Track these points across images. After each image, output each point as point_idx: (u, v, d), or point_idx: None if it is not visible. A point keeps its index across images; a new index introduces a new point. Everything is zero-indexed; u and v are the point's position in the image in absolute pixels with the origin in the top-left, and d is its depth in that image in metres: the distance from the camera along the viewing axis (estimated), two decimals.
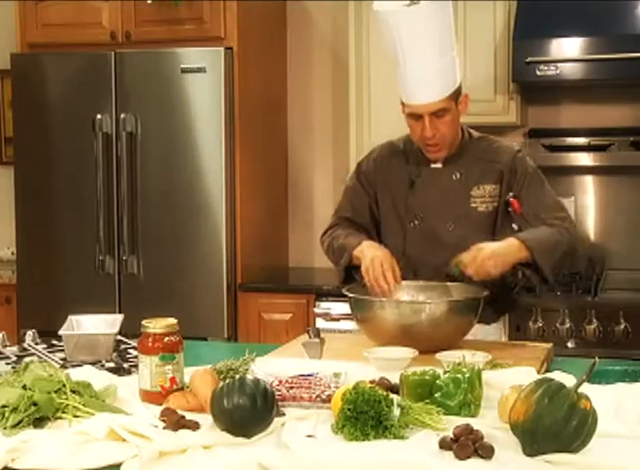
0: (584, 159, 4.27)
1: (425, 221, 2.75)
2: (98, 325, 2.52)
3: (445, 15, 2.62)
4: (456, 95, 2.67)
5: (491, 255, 2.51)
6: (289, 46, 4.78)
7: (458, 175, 2.74)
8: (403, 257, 2.71)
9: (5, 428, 1.79)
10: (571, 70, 3.96)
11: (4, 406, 1.82)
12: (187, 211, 4.18)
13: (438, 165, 2.77)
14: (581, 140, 4.28)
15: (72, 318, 2.54)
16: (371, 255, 2.59)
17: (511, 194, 2.72)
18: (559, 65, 3.93)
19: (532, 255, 2.57)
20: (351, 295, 2.57)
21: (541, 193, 2.76)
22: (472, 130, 2.85)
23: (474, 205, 2.73)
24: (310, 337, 2.49)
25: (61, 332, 2.43)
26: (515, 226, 2.71)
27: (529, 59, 3.93)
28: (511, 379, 1.98)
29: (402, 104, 2.72)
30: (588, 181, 4.41)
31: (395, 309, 2.46)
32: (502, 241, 2.59)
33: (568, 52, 3.95)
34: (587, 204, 4.40)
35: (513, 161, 2.76)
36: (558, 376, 1.93)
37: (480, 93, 4.21)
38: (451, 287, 2.67)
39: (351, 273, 2.76)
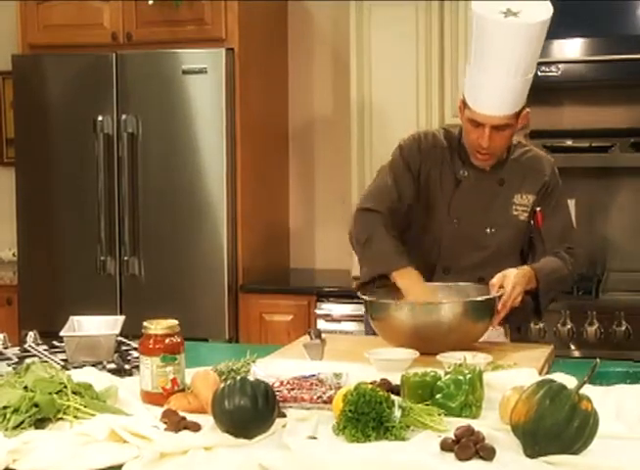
0: (585, 160, 4.27)
1: (465, 222, 2.73)
2: (99, 326, 2.52)
3: (542, 35, 2.57)
4: (520, 111, 2.65)
5: (515, 284, 2.55)
6: (290, 47, 4.78)
7: (503, 181, 2.74)
8: (438, 253, 2.71)
9: (6, 429, 1.79)
10: (572, 72, 3.96)
11: (5, 407, 1.82)
12: (188, 212, 4.18)
13: (486, 168, 2.75)
14: (582, 141, 4.27)
15: (74, 319, 2.54)
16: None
17: (538, 208, 2.75)
18: (560, 66, 3.93)
19: (539, 287, 2.63)
20: (366, 297, 2.57)
21: (565, 213, 2.82)
22: None
23: (515, 212, 2.73)
24: (311, 338, 2.49)
25: (62, 333, 2.43)
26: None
27: None
28: (512, 380, 1.98)
29: (464, 104, 2.65)
30: (589, 183, 4.40)
31: (410, 311, 2.45)
32: (518, 269, 2.62)
33: (569, 53, 3.95)
34: (588, 205, 4.40)
35: (553, 175, 2.79)
36: (559, 377, 1.92)
37: None
38: (467, 288, 2.66)
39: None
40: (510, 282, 2.54)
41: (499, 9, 2.49)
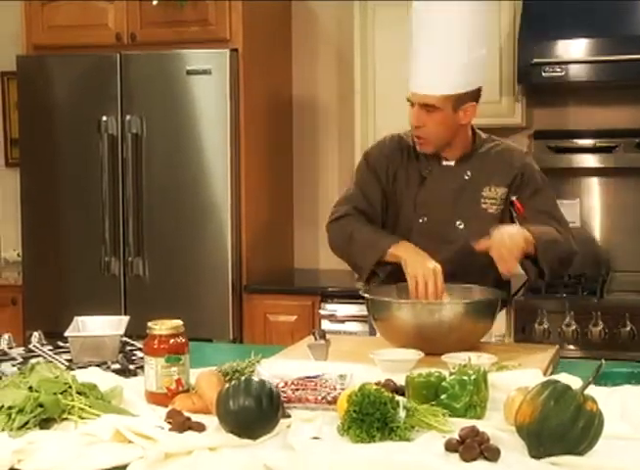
0: (590, 160, 4.27)
1: (433, 218, 2.74)
2: (103, 327, 2.52)
3: (475, 20, 2.60)
4: (458, 99, 2.63)
5: (511, 245, 2.50)
6: (294, 47, 4.78)
7: (470, 174, 2.74)
8: None
9: (11, 429, 1.79)
10: (577, 72, 3.95)
11: (10, 408, 1.82)
12: (192, 213, 4.18)
13: (450, 163, 2.76)
14: (587, 142, 4.27)
15: (78, 320, 2.54)
16: (421, 270, 2.53)
17: (514, 197, 2.73)
18: (565, 66, 3.93)
19: (536, 247, 2.57)
20: (368, 296, 2.57)
21: (546, 197, 2.78)
22: (478, 131, 2.85)
23: (484, 205, 2.73)
24: (316, 338, 2.49)
25: (66, 334, 2.43)
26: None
27: (535, 60, 3.92)
28: (517, 381, 1.98)
29: None
30: (594, 183, 4.40)
31: (412, 311, 2.45)
32: (511, 226, 2.60)
33: (574, 53, 3.94)
34: (593, 205, 4.40)
35: (524, 165, 2.78)
36: (564, 378, 1.92)
37: (486, 95, 4.16)
38: (471, 289, 2.66)
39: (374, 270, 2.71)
40: (502, 246, 2.48)
41: None
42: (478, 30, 2.63)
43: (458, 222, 2.73)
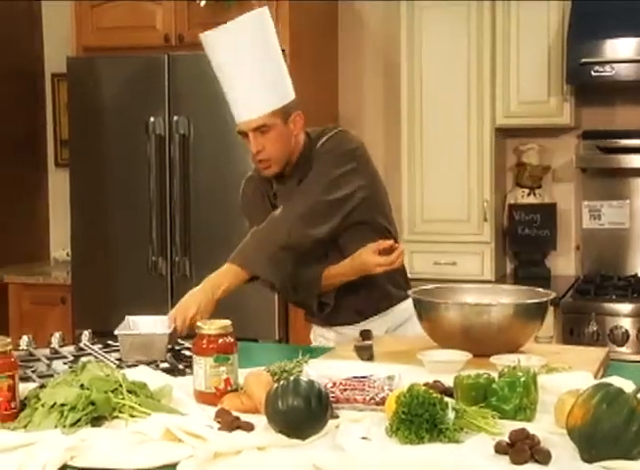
0: (639, 161, 4.21)
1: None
2: (153, 326, 2.54)
3: (257, 31, 2.63)
4: (284, 112, 2.65)
5: (195, 310, 2.56)
6: (340, 47, 4.79)
7: (300, 181, 2.71)
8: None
9: (64, 426, 1.81)
10: (626, 71, 3.91)
11: (63, 405, 1.84)
12: (238, 213, 4.15)
13: (290, 179, 2.74)
14: (636, 142, 4.22)
15: (129, 318, 2.56)
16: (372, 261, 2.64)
17: None
18: (614, 66, 3.89)
19: (245, 268, 2.66)
20: (415, 296, 2.57)
21: (315, 172, 2.68)
22: (309, 131, 2.80)
23: None
24: (362, 339, 2.48)
25: (116, 332, 2.45)
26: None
27: (584, 60, 3.89)
28: (567, 383, 1.96)
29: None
30: None
31: (460, 311, 2.44)
32: (205, 280, 2.70)
33: (623, 53, 3.91)
34: None
35: (321, 146, 2.71)
36: (615, 381, 1.89)
37: (534, 94, 4.18)
38: (518, 290, 2.65)
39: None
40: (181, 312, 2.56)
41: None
42: (267, 47, 2.65)
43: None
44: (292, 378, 1.86)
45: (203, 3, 4.22)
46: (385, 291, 2.80)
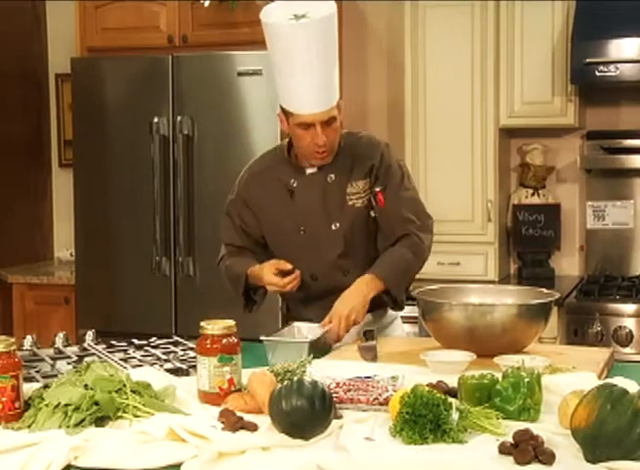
0: None
1: (311, 226, 2.77)
2: (311, 332, 2.59)
3: (332, 28, 2.65)
4: (338, 104, 2.70)
5: (349, 311, 2.60)
6: (344, 47, 4.76)
7: (333, 176, 2.77)
8: (298, 263, 2.73)
9: (68, 426, 1.81)
10: (630, 71, 3.91)
11: (67, 405, 1.85)
12: None
13: (314, 170, 2.78)
14: None
15: (294, 325, 2.66)
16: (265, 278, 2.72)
17: (378, 188, 2.76)
18: (619, 66, 3.88)
19: (386, 285, 2.68)
20: (420, 297, 2.57)
21: (400, 188, 2.78)
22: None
23: (350, 202, 2.76)
24: (366, 339, 2.48)
25: (262, 337, 2.50)
26: (372, 213, 2.77)
27: (589, 60, 3.88)
28: (571, 384, 1.95)
29: (285, 115, 2.69)
30: None
31: (464, 312, 2.44)
32: (355, 283, 2.67)
33: (627, 53, 3.90)
34: None
35: (383, 157, 2.79)
36: (620, 382, 1.89)
37: (538, 95, 4.18)
38: (522, 291, 2.65)
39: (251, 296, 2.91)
40: (337, 315, 2.60)
41: (287, 16, 2.57)
42: (335, 40, 2.68)
43: (332, 224, 2.76)
44: (295, 378, 1.86)
45: (206, 4, 4.22)
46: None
